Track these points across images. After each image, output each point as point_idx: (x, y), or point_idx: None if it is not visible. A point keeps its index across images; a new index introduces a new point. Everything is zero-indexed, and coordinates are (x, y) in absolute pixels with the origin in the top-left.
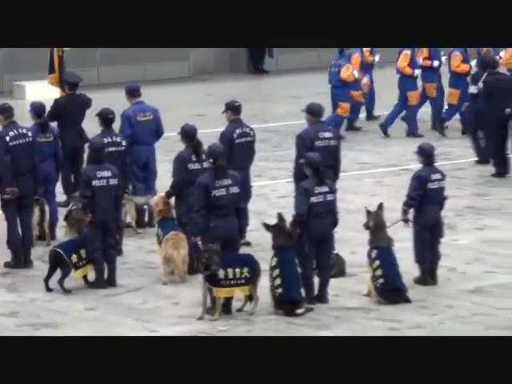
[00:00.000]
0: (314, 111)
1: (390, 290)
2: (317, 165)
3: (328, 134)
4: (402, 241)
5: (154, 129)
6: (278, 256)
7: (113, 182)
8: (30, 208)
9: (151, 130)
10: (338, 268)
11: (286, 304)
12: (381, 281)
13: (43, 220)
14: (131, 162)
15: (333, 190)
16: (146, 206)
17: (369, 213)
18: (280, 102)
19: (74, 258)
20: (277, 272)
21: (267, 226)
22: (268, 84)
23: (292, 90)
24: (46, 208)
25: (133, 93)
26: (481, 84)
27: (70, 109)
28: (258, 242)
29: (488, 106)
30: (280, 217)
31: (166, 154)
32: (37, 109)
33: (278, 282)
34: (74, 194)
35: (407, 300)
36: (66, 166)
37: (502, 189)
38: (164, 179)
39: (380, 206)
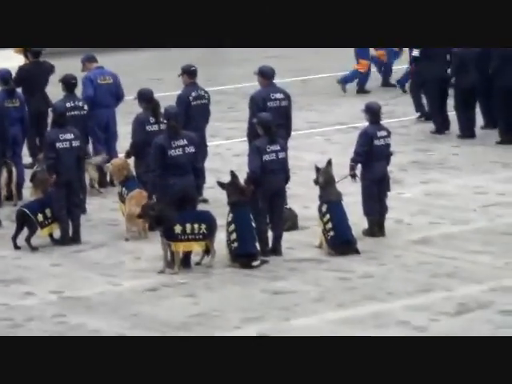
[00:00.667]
0: (265, 73)
1: (341, 242)
2: (268, 124)
3: (279, 95)
4: (351, 195)
5: (114, 92)
6: (234, 212)
7: (75, 143)
8: None
9: (111, 93)
10: (290, 222)
11: (242, 257)
12: (331, 233)
13: (10, 181)
14: (93, 124)
15: (284, 148)
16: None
17: (318, 169)
18: (234, 64)
19: (40, 217)
20: (232, 227)
21: (221, 184)
22: (222, 48)
23: (245, 53)
24: (14, 170)
25: (90, 59)
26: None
27: (34, 75)
28: (215, 199)
29: (428, 67)
30: (233, 174)
31: (125, 117)
32: (3, 75)
33: (233, 236)
34: (38, 156)
35: (357, 251)
36: (32, 129)
37: (444, 145)
38: (124, 141)
39: (329, 163)
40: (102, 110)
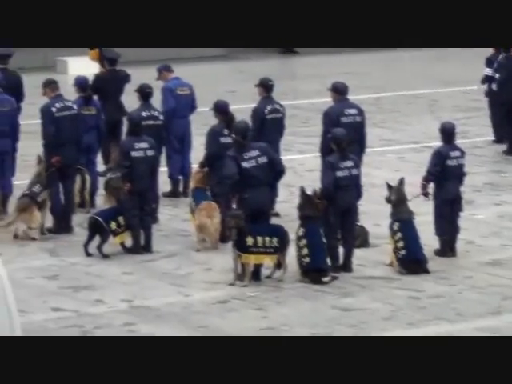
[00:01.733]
0: (338, 89)
1: (411, 261)
2: (342, 140)
3: (353, 111)
4: (423, 214)
5: (190, 102)
6: (305, 226)
7: (150, 153)
8: (72, 177)
9: (188, 104)
10: (362, 239)
11: (313, 272)
12: (402, 252)
13: (84, 188)
14: (169, 134)
15: (357, 165)
16: (180, 177)
17: (390, 187)
18: (308, 80)
19: (113, 225)
20: (304, 242)
21: (303, 193)
22: (297, 63)
23: (319, 69)
24: (87, 177)
25: (168, 69)
26: (495, 66)
27: (110, 83)
28: (287, 214)
29: (502, 87)
30: (303, 190)
31: (199, 128)
32: (81, 83)
33: (305, 251)
34: (109, 164)
35: (427, 271)
36: (106, 137)
37: None
38: (197, 152)
39: (401, 181)
40: (179, 120)
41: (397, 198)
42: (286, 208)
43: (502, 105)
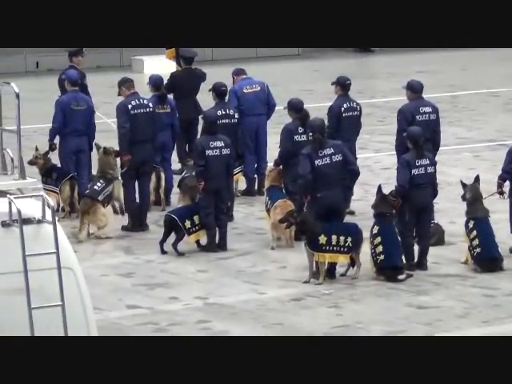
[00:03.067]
0: (414, 87)
1: (487, 259)
2: (418, 138)
3: (428, 109)
4: (499, 212)
5: (263, 99)
6: (379, 224)
7: (225, 151)
8: (148, 175)
9: (259, 100)
10: (437, 237)
11: (388, 270)
12: (478, 250)
13: (159, 186)
14: (243, 133)
15: (433, 163)
16: (255, 175)
17: (465, 185)
18: (384, 78)
19: (188, 223)
20: (378, 240)
21: (379, 191)
22: (373, 62)
23: (395, 67)
24: (162, 175)
25: (239, 72)
26: None
27: (185, 82)
28: (362, 212)
29: None
30: (379, 189)
31: (274, 127)
32: (155, 81)
33: (379, 249)
34: (187, 162)
35: (502, 268)
36: (181, 136)
37: None
38: (272, 150)
39: (476, 179)
40: (249, 118)
41: (472, 196)
42: (361, 206)
43: None
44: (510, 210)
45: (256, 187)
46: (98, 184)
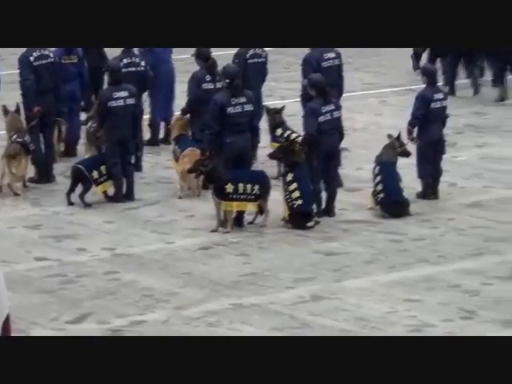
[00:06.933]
0: None
1: (390, 203)
2: (322, 85)
3: (332, 54)
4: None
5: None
6: (293, 171)
7: (130, 101)
8: (51, 126)
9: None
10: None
11: (302, 216)
12: (381, 195)
13: (59, 138)
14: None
15: (338, 108)
16: (162, 124)
17: (390, 136)
18: None
19: (95, 174)
20: (294, 186)
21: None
22: None
23: None
24: (63, 128)
25: None
26: None
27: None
28: (267, 159)
29: None
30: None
31: (181, 75)
32: None
33: (296, 194)
34: (89, 113)
35: (408, 213)
36: (88, 86)
37: (499, 108)
38: (179, 99)
39: (398, 137)
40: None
41: (385, 145)
42: (267, 153)
43: None
44: (416, 154)
45: (163, 136)
46: (27, 137)
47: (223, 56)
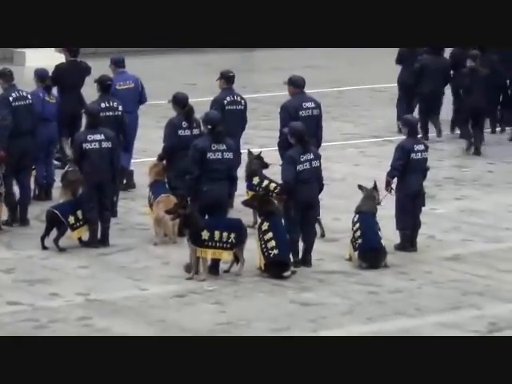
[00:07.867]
0: (295, 83)
1: (368, 250)
2: (301, 133)
3: (311, 104)
4: (385, 209)
5: (135, 96)
6: (269, 220)
7: (106, 144)
8: (28, 168)
9: (131, 98)
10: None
11: (278, 265)
12: (359, 241)
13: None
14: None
15: (318, 157)
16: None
17: (361, 188)
18: (268, 73)
19: (72, 219)
20: (270, 235)
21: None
22: (258, 56)
23: (280, 62)
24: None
25: (117, 62)
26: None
27: (70, 74)
28: (245, 208)
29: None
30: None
31: (158, 121)
32: (41, 74)
33: (272, 243)
34: (68, 157)
35: (386, 265)
36: (64, 130)
37: (478, 161)
38: (156, 145)
39: (374, 187)
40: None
41: (364, 196)
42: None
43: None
44: (396, 206)
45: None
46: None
47: (200, 103)
